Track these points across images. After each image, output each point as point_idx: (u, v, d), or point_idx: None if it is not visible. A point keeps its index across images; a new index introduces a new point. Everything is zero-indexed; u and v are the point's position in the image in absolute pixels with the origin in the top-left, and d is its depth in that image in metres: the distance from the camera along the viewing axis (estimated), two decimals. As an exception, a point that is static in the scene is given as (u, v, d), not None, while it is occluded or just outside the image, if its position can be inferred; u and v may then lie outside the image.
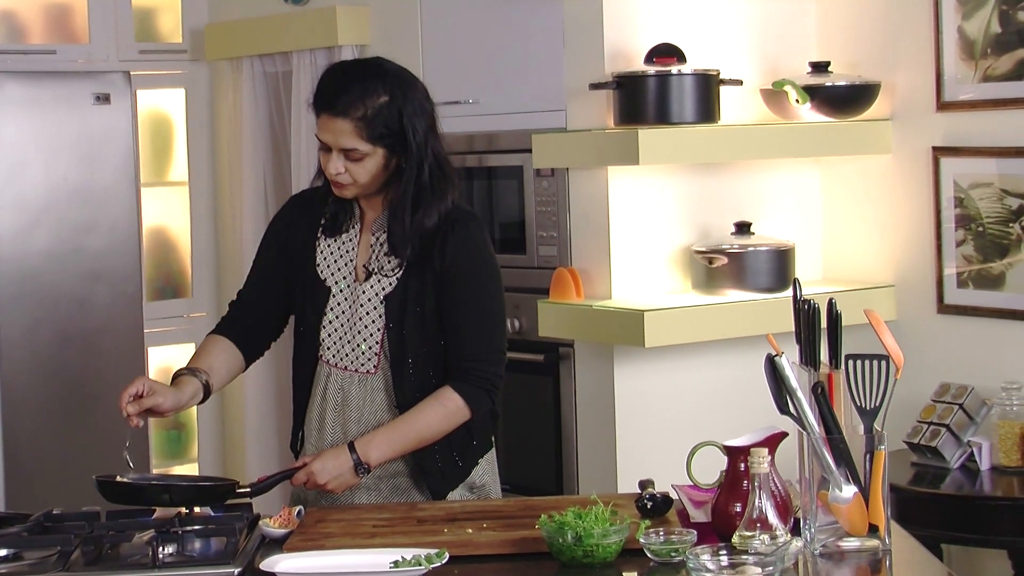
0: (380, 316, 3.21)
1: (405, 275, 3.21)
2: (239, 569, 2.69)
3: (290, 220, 3.37)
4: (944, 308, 4.51)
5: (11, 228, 5.31)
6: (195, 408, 6.25)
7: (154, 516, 3.04)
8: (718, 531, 2.72)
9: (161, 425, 6.30)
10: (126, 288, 5.55)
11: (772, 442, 2.73)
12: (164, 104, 6.30)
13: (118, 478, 3.10)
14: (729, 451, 2.76)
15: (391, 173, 3.19)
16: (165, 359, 6.23)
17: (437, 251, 3.19)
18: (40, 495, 5.05)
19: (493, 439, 3.35)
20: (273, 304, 3.37)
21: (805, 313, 2.81)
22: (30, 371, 5.37)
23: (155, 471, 5.82)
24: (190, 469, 6.28)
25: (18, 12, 5.98)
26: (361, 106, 3.12)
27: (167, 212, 6.30)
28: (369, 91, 3.14)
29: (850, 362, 2.73)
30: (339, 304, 3.26)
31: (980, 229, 4.41)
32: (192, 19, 6.30)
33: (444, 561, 2.61)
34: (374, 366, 3.23)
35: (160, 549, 2.73)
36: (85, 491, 3.27)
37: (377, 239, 3.25)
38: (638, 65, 4.33)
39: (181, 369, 3.30)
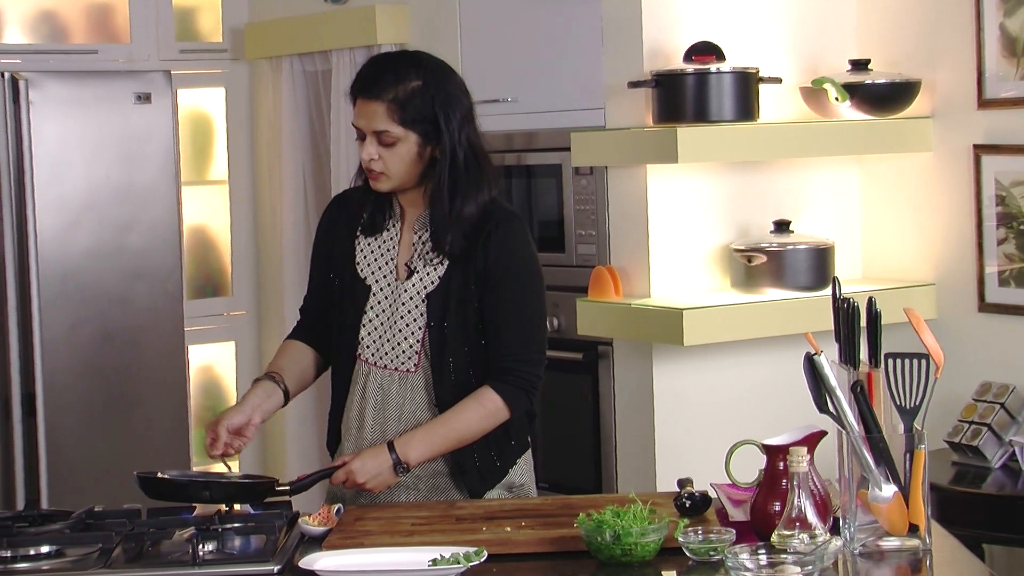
0: (422, 314, 3.22)
1: (448, 273, 3.21)
2: (279, 567, 2.70)
3: (331, 222, 3.40)
4: (985, 307, 4.48)
5: (53, 227, 5.34)
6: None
7: (194, 513, 3.06)
8: (757, 530, 2.71)
9: (202, 423, 6.32)
10: (166, 286, 5.58)
11: (811, 441, 2.73)
12: (204, 103, 6.33)
13: (159, 475, 3.12)
14: (768, 450, 2.75)
15: (426, 164, 3.20)
16: (205, 357, 6.26)
17: (480, 250, 3.20)
18: (82, 492, 5.07)
19: (530, 439, 3.35)
20: (331, 308, 3.39)
21: (844, 312, 2.80)
22: (72, 369, 5.40)
23: (196, 469, 5.85)
24: (231, 466, 6.29)
25: (60, 12, 6.02)
26: (393, 89, 3.15)
27: (207, 211, 6.33)
28: (403, 76, 3.17)
29: (890, 361, 2.72)
30: (379, 303, 3.27)
31: (1022, 227, 4.38)
32: (232, 18, 6.32)
33: (482, 559, 2.62)
34: (414, 365, 3.23)
35: (200, 546, 2.75)
36: (126, 488, 3.29)
37: (419, 237, 3.25)
38: (677, 63, 4.33)
39: (257, 377, 3.38)
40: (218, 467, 5.75)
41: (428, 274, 3.23)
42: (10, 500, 5.27)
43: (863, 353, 2.80)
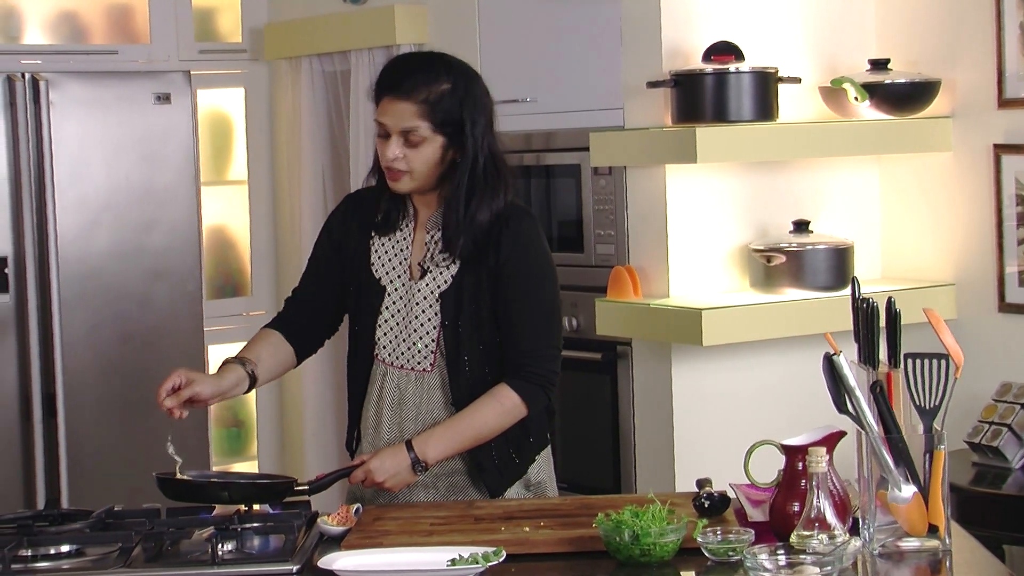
0: (436, 314, 3.22)
1: (460, 272, 3.22)
2: (297, 566, 2.70)
3: (344, 220, 3.39)
4: (1005, 307, 4.47)
5: (73, 227, 5.35)
6: (254, 406, 6.30)
7: (213, 513, 3.06)
8: (776, 530, 2.71)
9: (221, 423, 6.34)
10: (186, 286, 5.59)
11: (830, 441, 2.72)
12: (224, 103, 6.34)
13: (178, 475, 3.13)
14: (787, 450, 2.75)
15: (445, 168, 3.20)
16: (225, 356, 6.25)
17: (492, 248, 3.20)
18: (101, 492, 5.09)
19: (548, 436, 3.35)
20: (326, 303, 3.39)
21: (864, 312, 2.79)
22: (92, 369, 5.42)
23: (214, 469, 5.86)
24: (249, 467, 6.32)
25: (80, 13, 6.04)
26: (425, 90, 3.14)
27: (227, 211, 6.35)
28: (433, 78, 3.17)
29: (909, 361, 2.72)
30: (394, 303, 3.27)
31: (1042, 227, 4.38)
32: (251, 19, 6.34)
33: (501, 559, 2.62)
34: (430, 364, 3.23)
35: (219, 546, 2.75)
36: (146, 488, 3.29)
37: (432, 237, 3.25)
38: (696, 63, 4.32)
39: (229, 358, 3.34)
40: (237, 467, 5.78)
41: (441, 273, 3.23)
42: (31, 499, 5.29)
43: (882, 353, 2.79)
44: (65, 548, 2.84)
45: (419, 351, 3.23)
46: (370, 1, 5.78)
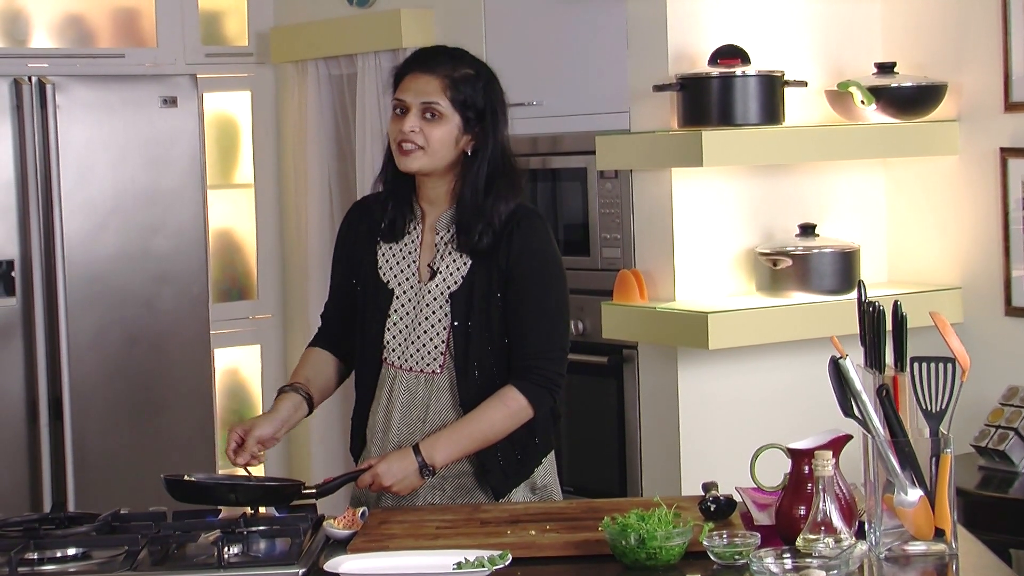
0: (446, 315, 3.22)
1: (471, 272, 3.22)
2: (303, 570, 2.71)
3: (351, 228, 3.41)
4: (1012, 310, 4.47)
5: (79, 231, 5.36)
6: (260, 410, 6.29)
7: (220, 516, 3.06)
8: (782, 534, 2.71)
9: (227, 427, 6.34)
10: (192, 290, 5.60)
11: (836, 445, 2.72)
12: (230, 107, 6.35)
13: (186, 477, 3.14)
14: (793, 454, 2.74)
15: (457, 154, 3.21)
16: (231, 360, 6.28)
17: (503, 248, 3.20)
18: (108, 495, 5.09)
19: (554, 439, 3.35)
20: (352, 313, 3.40)
21: (870, 315, 2.79)
22: (98, 372, 5.42)
23: (221, 472, 5.86)
24: (256, 470, 6.30)
25: (87, 16, 6.05)
26: (451, 68, 3.22)
27: (233, 214, 6.35)
28: (459, 61, 3.25)
29: (915, 364, 2.71)
30: (403, 305, 3.27)
31: (1048, 231, 4.37)
32: (258, 22, 6.34)
33: (507, 563, 2.62)
34: (440, 366, 3.23)
35: (225, 549, 2.76)
36: (152, 491, 3.30)
37: (441, 237, 3.26)
38: (702, 66, 4.32)
39: (283, 387, 3.40)
40: (241, 471, 5.77)
41: (451, 274, 3.23)
42: (37, 503, 5.30)
43: (889, 357, 2.79)
44: (71, 551, 2.84)
45: (428, 352, 3.23)
46: (376, 4, 5.78)
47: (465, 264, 3.23)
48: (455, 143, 3.21)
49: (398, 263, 3.29)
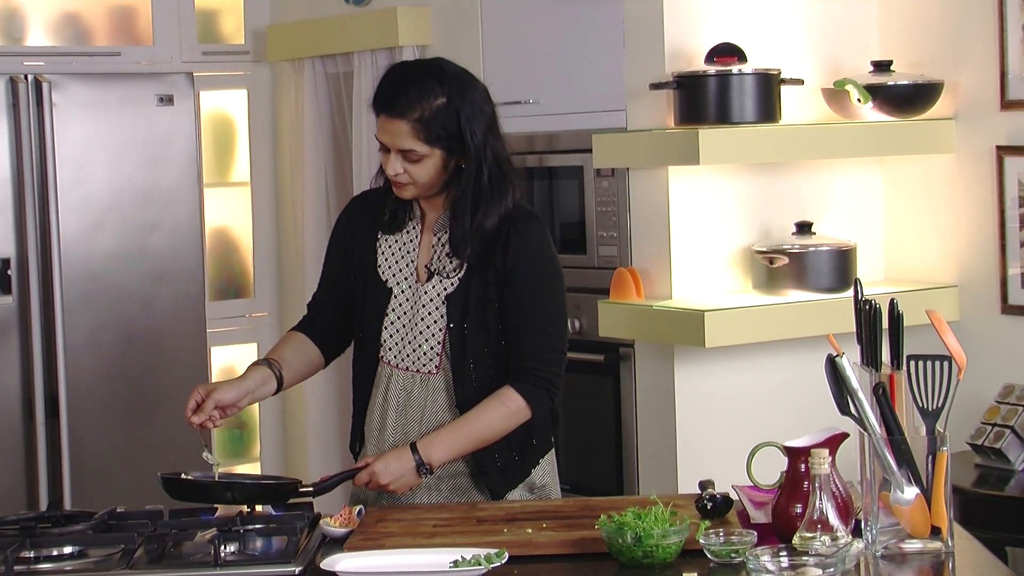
0: (442, 316, 3.22)
1: (467, 275, 3.22)
2: (300, 568, 2.71)
3: (351, 221, 3.40)
4: (1008, 308, 4.47)
5: (76, 229, 5.36)
6: (257, 407, 6.29)
7: (216, 514, 3.06)
8: (778, 532, 2.71)
9: (224, 424, 6.33)
10: (189, 288, 5.60)
11: (833, 443, 2.72)
12: (226, 105, 6.34)
13: (183, 475, 3.13)
14: (790, 452, 2.75)
15: (451, 174, 3.20)
16: (228, 358, 6.27)
17: (499, 251, 3.20)
18: (104, 493, 5.09)
19: (553, 439, 3.35)
20: (343, 305, 3.39)
21: (866, 313, 2.79)
22: (94, 370, 5.42)
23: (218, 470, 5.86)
24: (252, 468, 6.32)
25: (83, 15, 6.04)
26: (419, 108, 3.13)
27: (229, 212, 6.35)
28: (427, 93, 3.14)
29: (912, 363, 2.72)
30: (400, 305, 3.27)
31: (1045, 229, 4.37)
32: (254, 20, 6.34)
33: (504, 561, 2.62)
34: (436, 367, 3.23)
35: (222, 548, 2.76)
36: (148, 490, 3.30)
37: (439, 240, 3.26)
38: (699, 65, 4.32)
39: (256, 360, 3.36)
40: (240, 469, 5.78)
41: (448, 276, 3.23)
42: (33, 501, 5.30)
43: (885, 355, 2.79)
44: (68, 549, 2.84)
45: (424, 353, 3.23)
46: (373, 3, 5.78)
47: (461, 267, 3.22)
48: (444, 170, 3.19)
49: (396, 262, 3.29)
